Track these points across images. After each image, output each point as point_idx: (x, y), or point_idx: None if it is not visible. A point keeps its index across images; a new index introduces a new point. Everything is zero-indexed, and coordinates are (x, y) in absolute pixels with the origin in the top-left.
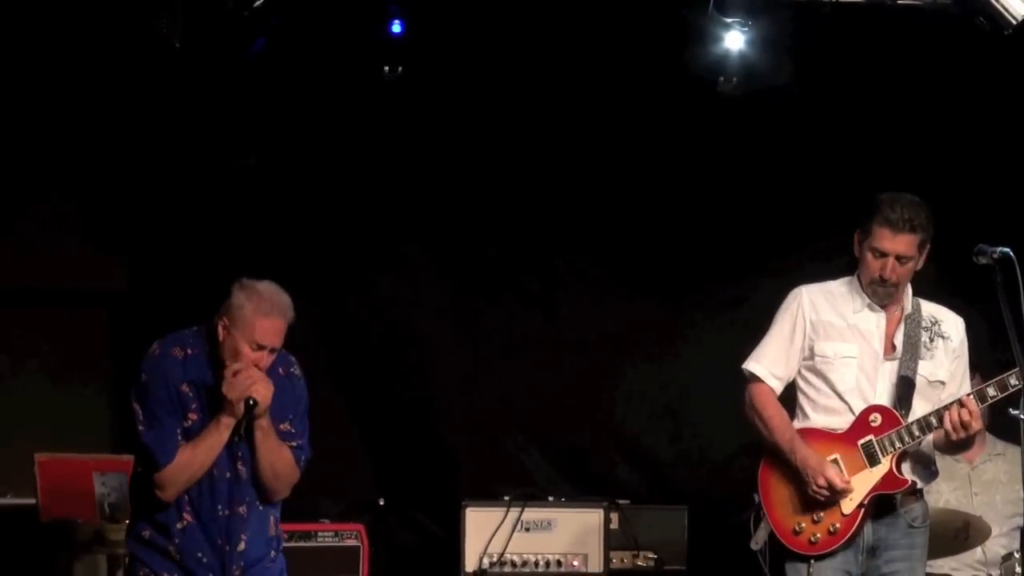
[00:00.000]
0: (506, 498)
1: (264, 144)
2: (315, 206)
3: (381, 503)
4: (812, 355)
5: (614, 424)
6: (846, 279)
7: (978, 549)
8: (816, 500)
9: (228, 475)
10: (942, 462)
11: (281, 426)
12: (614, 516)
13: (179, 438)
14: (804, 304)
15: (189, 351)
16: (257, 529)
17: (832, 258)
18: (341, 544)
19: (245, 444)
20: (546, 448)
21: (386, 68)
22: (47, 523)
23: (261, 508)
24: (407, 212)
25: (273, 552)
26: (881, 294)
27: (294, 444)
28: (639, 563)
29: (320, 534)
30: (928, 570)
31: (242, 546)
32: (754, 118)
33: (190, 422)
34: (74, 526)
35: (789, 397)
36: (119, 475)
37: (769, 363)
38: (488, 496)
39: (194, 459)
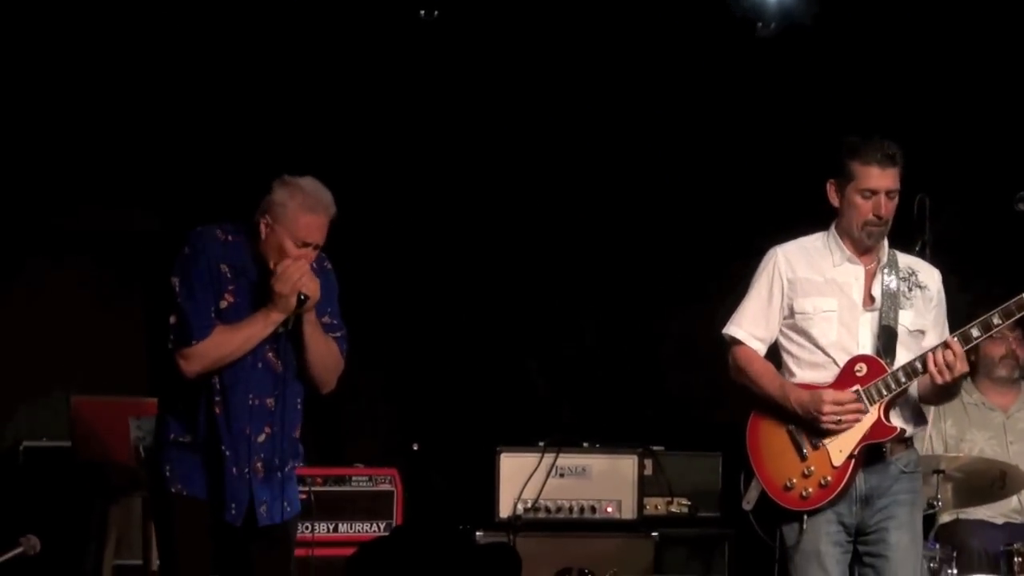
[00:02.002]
0: (540, 444)
1: (299, 85)
2: (350, 146)
3: (415, 448)
4: (792, 313)
5: (649, 370)
6: (820, 234)
7: (1014, 498)
8: (805, 453)
9: (260, 364)
10: (976, 410)
11: (323, 319)
12: (648, 462)
13: (213, 316)
14: (780, 263)
15: (231, 237)
16: (282, 423)
17: None
18: (375, 488)
19: (285, 337)
20: (581, 394)
21: (422, 12)
22: (82, 465)
23: (289, 403)
24: (446, 151)
25: (292, 461)
26: (876, 234)
27: (337, 335)
28: (673, 509)
29: (354, 478)
30: (964, 516)
31: (262, 437)
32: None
33: (225, 303)
34: (109, 469)
35: (775, 359)
36: (154, 418)
37: (749, 325)
38: (522, 442)
39: (230, 342)
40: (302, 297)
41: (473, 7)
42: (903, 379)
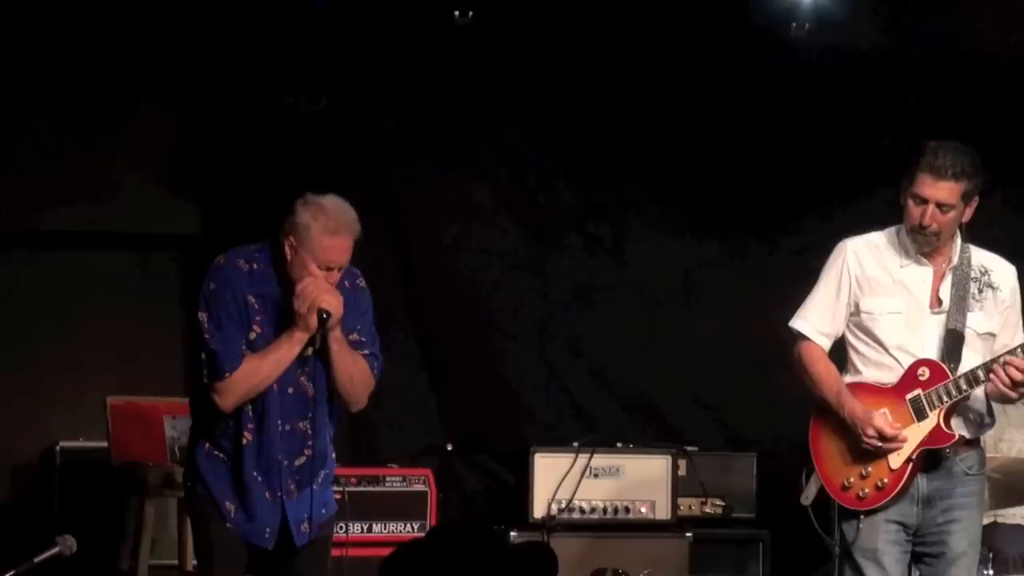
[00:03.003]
0: (574, 444)
1: (334, 88)
2: (384, 149)
3: (449, 448)
4: (858, 311)
5: (683, 369)
6: (891, 230)
7: None
8: (865, 454)
9: (290, 390)
10: (1015, 410)
11: (350, 336)
12: (682, 462)
13: (243, 346)
14: (849, 259)
15: (255, 265)
16: (318, 446)
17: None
18: (409, 489)
19: (315, 359)
20: (614, 394)
21: (456, 12)
22: (119, 466)
23: (321, 426)
24: (477, 157)
25: (324, 473)
26: (920, 242)
27: (366, 352)
28: (707, 510)
29: (388, 479)
30: (1001, 520)
31: (300, 461)
32: (825, 62)
33: (255, 334)
34: (145, 469)
35: (841, 351)
36: (189, 419)
37: (816, 320)
38: (556, 442)
39: (259, 370)
40: (323, 315)
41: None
42: (964, 387)
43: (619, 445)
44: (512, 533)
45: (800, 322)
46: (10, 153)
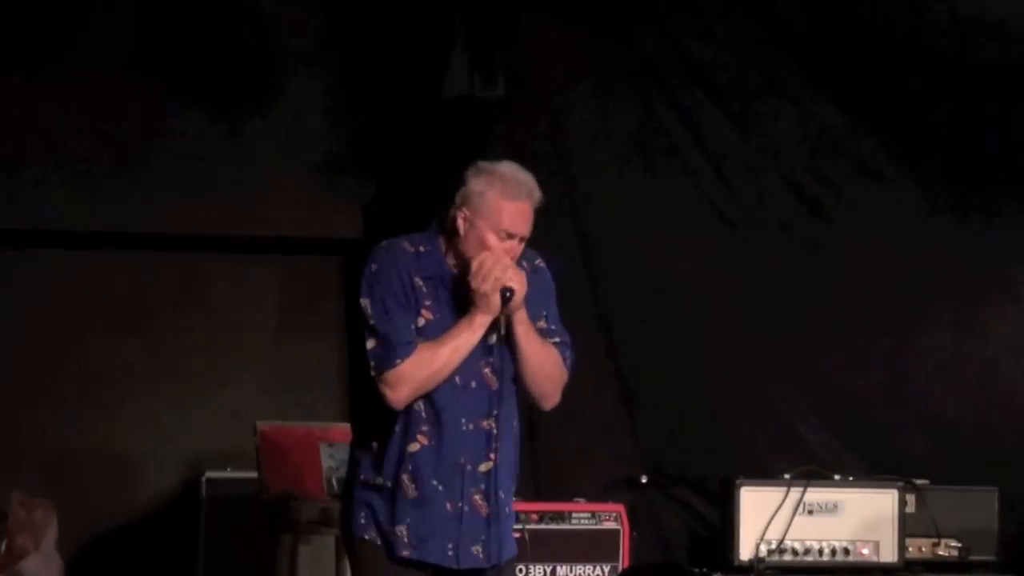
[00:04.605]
0: (786, 476)
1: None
2: (566, 139)
3: (644, 481)
4: None
5: (912, 390)
6: None
7: None
8: None
9: (474, 384)
10: None
11: (538, 324)
12: (911, 498)
13: (414, 334)
14: None
15: (421, 248)
16: (504, 449)
17: None
18: (599, 527)
19: (499, 346)
20: (831, 419)
21: None
22: (269, 500)
23: (508, 424)
24: (671, 147)
25: (511, 493)
26: None
27: (556, 340)
28: (940, 552)
29: (575, 515)
30: None
31: (484, 466)
32: None
33: (424, 320)
34: (299, 503)
35: None
36: (348, 446)
37: None
38: (765, 474)
39: (436, 358)
40: (507, 294)
41: None
42: None
43: (837, 477)
44: None
45: None
46: (145, 147)
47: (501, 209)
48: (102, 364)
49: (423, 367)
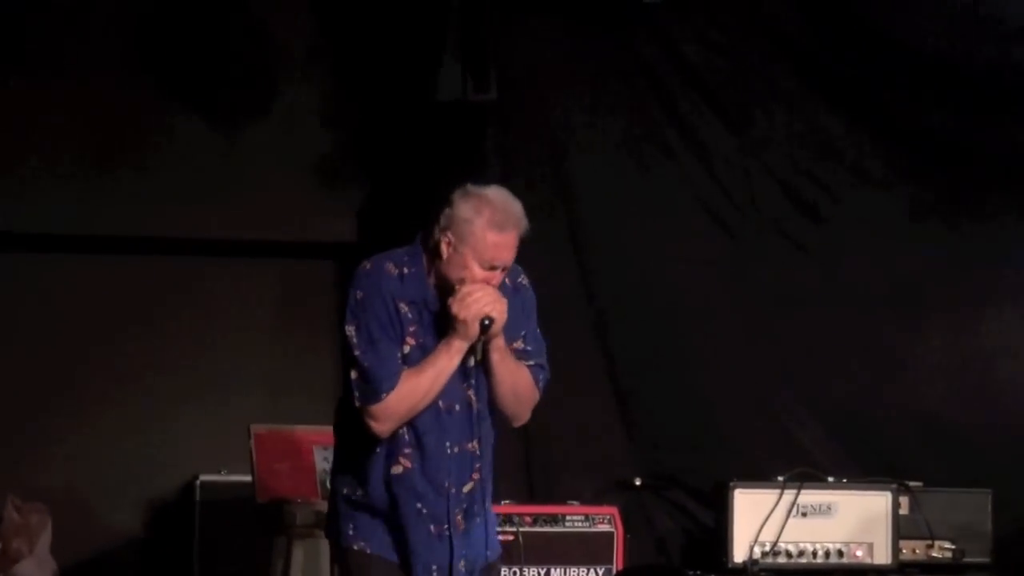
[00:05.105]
0: (780, 478)
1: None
2: (559, 142)
3: (638, 483)
4: None
5: (906, 392)
6: None
7: None
8: None
9: (457, 407)
10: None
11: (515, 344)
12: (904, 500)
13: (400, 363)
14: None
15: (405, 269)
16: (485, 468)
17: None
18: (592, 529)
19: (477, 369)
20: (826, 421)
21: None
22: (264, 502)
23: (486, 444)
24: (665, 149)
25: (488, 500)
26: None
27: (531, 363)
28: (934, 554)
29: (569, 518)
30: None
31: (468, 487)
32: None
33: (408, 347)
34: (293, 506)
35: None
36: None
37: None
38: (759, 476)
39: (418, 387)
40: (486, 322)
41: None
42: None
43: (831, 479)
44: None
45: None
46: (138, 151)
47: (486, 240)
48: (95, 368)
49: (406, 399)
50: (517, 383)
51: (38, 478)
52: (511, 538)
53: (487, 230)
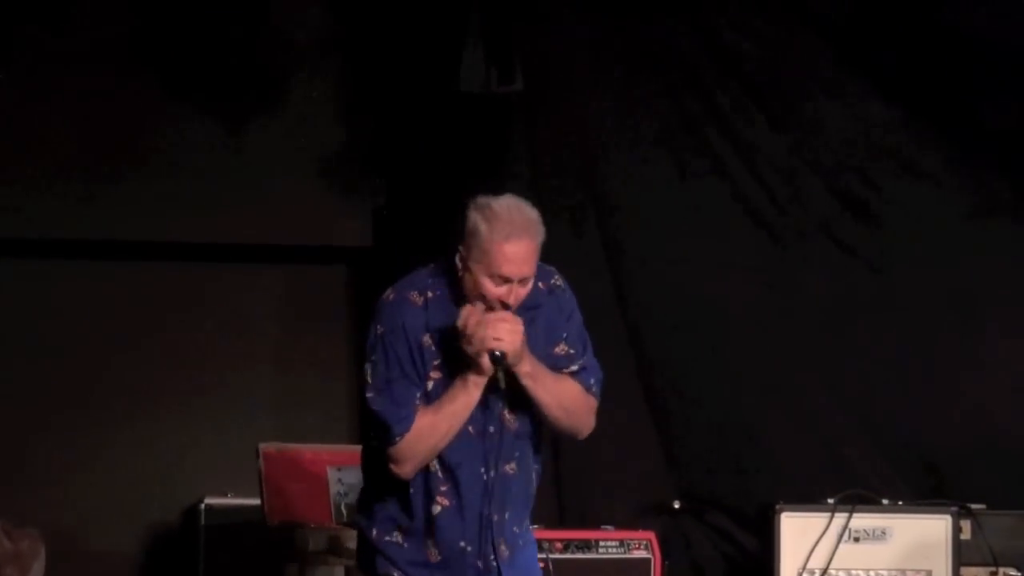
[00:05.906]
0: (830, 501)
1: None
2: (592, 138)
3: (676, 506)
4: None
5: (967, 408)
6: None
7: None
8: None
9: (491, 428)
10: None
11: (556, 350)
12: (965, 524)
13: (417, 401)
14: None
15: (430, 293)
16: (523, 490)
17: None
18: (628, 556)
19: (511, 391)
20: (879, 439)
21: None
22: (274, 527)
23: (528, 465)
24: (704, 147)
25: (528, 521)
26: None
27: (575, 368)
28: None
29: (603, 543)
30: None
31: (508, 513)
32: None
33: (432, 381)
34: (305, 531)
35: None
36: (359, 470)
37: None
38: (808, 499)
39: (436, 427)
40: (496, 354)
41: None
42: None
43: (885, 502)
44: None
45: None
46: (144, 153)
47: (494, 251)
48: (95, 380)
49: (422, 440)
50: (563, 399)
51: (30, 502)
52: (541, 565)
53: (494, 240)
